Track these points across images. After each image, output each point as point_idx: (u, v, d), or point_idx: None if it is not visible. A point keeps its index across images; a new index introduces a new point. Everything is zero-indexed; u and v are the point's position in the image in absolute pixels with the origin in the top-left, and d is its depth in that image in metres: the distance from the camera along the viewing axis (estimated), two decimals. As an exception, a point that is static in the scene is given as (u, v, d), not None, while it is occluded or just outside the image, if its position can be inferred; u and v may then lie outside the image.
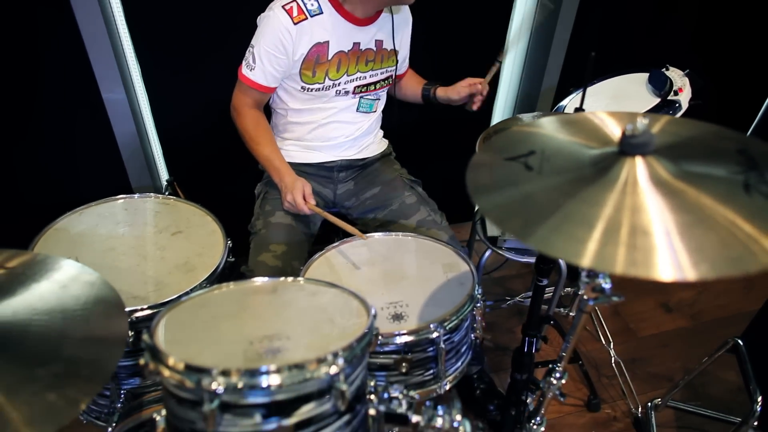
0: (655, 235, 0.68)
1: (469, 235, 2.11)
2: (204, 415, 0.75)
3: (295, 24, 1.41)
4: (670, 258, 0.65)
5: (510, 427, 1.59)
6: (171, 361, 0.78)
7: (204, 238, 1.43)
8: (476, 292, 1.27)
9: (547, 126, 0.97)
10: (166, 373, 0.79)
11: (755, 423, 1.44)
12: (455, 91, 1.66)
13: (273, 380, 0.76)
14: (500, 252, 1.81)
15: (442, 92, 1.70)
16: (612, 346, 2.07)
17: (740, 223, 0.68)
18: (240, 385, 0.75)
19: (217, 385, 0.74)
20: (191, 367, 0.76)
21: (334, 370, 0.78)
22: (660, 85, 1.59)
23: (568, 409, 1.89)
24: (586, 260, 0.66)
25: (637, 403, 1.89)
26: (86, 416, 1.35)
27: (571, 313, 2.21)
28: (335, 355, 0.79)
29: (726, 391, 1.93)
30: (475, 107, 1.67)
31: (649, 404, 1.85)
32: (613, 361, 2.02)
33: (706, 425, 1.82)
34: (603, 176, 0.78)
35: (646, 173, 0.76)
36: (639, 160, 0.78)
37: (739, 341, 1.56)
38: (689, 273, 0.62)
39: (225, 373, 0.75)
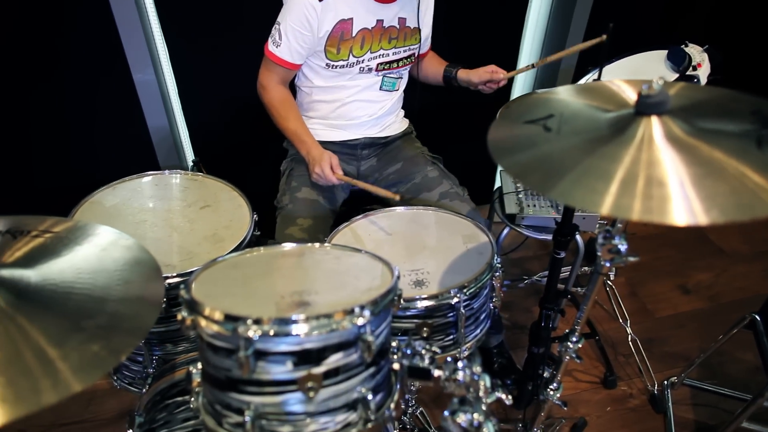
0: (670, 186, 0.71)
1: (488, 216, 2.13)
2: (240, 361, 0.80)
3: (320, 1, 1.45)
4: (683, 205, 0.68)
5: (527, 401, 1.62)
6: (208, 311, 0.82)
7: (231, 211, 1.48)
8: (495, 262, 1.30)
9: (565, 93, 1.00)
10: (203, 323, 0.83)
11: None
12: (477, 75, 1.69)
13: (302, 329, 0.80)
14: (518, 230, 1.83)
15: (463, 74, 1.73)
16: (629, 325, 2.08)
17: (750, 174, 0.71)
18: (272, 332, 0.80)
19: (252, 332, 0.79)
20: (228, 316, 0.81)
21: (360, 321, 0.82)
22: (679, 60, 1.59)
23: (585, 385, 1.92)
24: (605, 209, 0.70)
25: (654, 380, 1.91)
26: (120, 382, 1.40)
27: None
28: (362, 307, 0.83)
29: (743, 371, 1.94)
30: (487, 91, 1.71)
31: (666, 382, 1.87)
32: (630, 340, 2.04)
33: (722, 403, 1.83)
34: (620, 135, 0.81)
35: (662, 131, 0.80)
36: (655, 119, 0.81)
37: (756, 317, 1.57)
38: (701, 218, 0.66)
39: (258, 321, 0.80)
